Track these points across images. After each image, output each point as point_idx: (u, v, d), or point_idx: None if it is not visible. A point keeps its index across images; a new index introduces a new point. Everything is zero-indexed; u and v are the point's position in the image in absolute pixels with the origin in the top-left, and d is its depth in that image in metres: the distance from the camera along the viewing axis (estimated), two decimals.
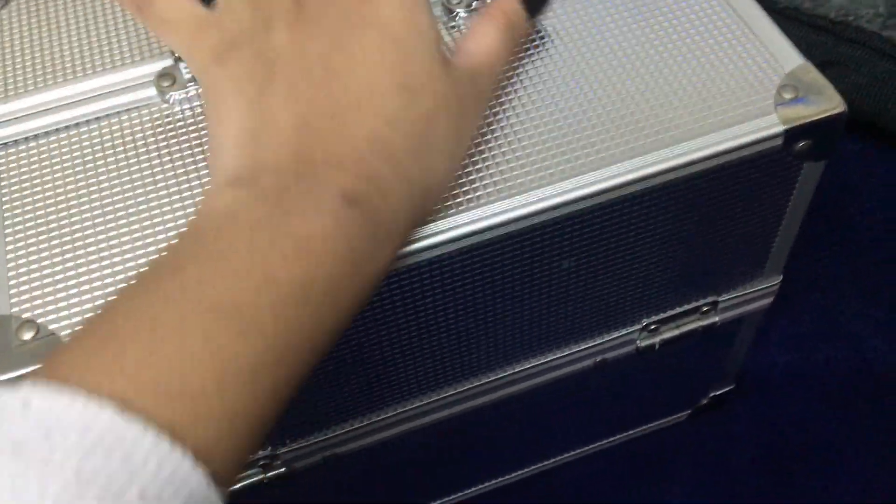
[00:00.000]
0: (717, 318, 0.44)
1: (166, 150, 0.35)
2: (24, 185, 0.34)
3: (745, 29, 0.36)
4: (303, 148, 0.27)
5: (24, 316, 0.31)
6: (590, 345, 0.43)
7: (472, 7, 0.38)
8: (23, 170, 0.35)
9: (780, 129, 0.33)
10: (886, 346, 0.58)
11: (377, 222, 0.27)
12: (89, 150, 0.35)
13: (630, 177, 0.33)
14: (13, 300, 0.31)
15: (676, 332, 0.44)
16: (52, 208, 0.34)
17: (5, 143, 0.36)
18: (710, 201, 0.36)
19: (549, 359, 0.42)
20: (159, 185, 0.34)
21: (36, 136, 0.36)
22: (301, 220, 0.25)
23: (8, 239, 0.33)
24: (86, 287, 0.32)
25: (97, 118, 0.36)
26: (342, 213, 0.25)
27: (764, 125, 0.33)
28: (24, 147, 0.35)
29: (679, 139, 0.33)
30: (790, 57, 0.35)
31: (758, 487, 0.55)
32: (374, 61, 0.28)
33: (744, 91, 0.34)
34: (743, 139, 0.33)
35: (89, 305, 0.31)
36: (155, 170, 0.34)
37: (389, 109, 0.28)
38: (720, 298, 0.43)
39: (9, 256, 0.32)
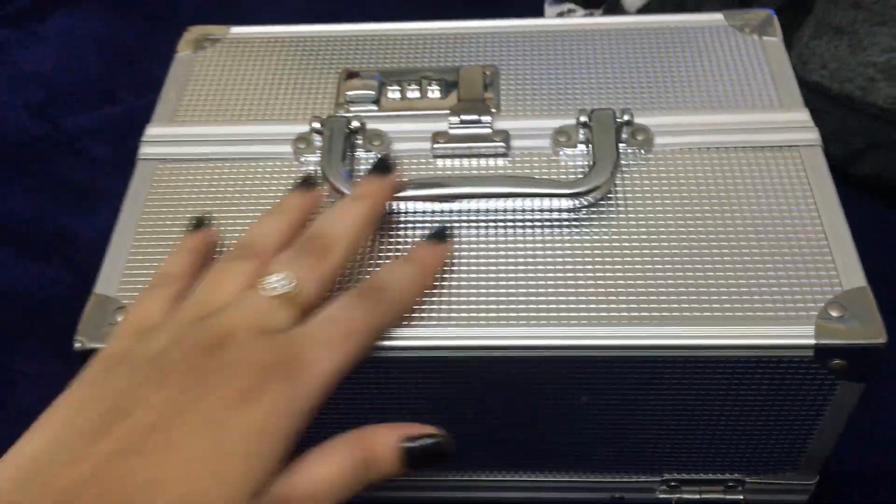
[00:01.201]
0: (741, 497, 0.44)
1: None
2: (166, 196, 0.42)
3: (821, 234, 0.38)
4: None
5: (125, 302, 0.38)
6: (608, 479, 0.44)
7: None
8: (171, 183, 0.42)
9: (810, 341, 0.34)
10: None
11: None
12: (229, 181, 0.42)
13: (640, 342, 0.35)
14: (121, 286, 0.38)
15: (697, 497, 0.45)
16: (182, 220, 0.40)
17: (164, 159, 0.43)
18: (735, 384, 0.37)
19: (563, 479, 0.44)
20: None
21: (189, 160, 0.43)
22: None
23: (138, 235, 0.40)
24: None
25: (240, 158, 0.43)
26: None
27: (797, 333, 0.35)
28: (176, 166, 0.43)
29: (709, 321, 0.35)
30: (854, 276, 0.36)
31: None
32: (164, 469, 0.27)
33: (794, 293, 0.36)
34: (774, 340, 0.35)
35: None
36: None
37: None
38: (747, 479, 0.44)
39: (132, 250, 0.40)
